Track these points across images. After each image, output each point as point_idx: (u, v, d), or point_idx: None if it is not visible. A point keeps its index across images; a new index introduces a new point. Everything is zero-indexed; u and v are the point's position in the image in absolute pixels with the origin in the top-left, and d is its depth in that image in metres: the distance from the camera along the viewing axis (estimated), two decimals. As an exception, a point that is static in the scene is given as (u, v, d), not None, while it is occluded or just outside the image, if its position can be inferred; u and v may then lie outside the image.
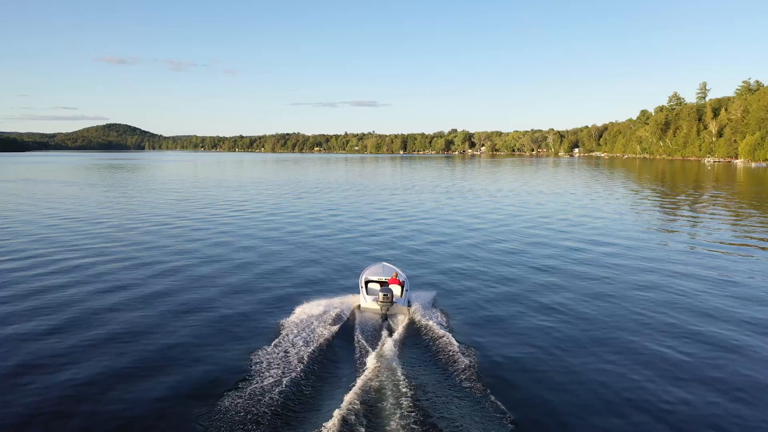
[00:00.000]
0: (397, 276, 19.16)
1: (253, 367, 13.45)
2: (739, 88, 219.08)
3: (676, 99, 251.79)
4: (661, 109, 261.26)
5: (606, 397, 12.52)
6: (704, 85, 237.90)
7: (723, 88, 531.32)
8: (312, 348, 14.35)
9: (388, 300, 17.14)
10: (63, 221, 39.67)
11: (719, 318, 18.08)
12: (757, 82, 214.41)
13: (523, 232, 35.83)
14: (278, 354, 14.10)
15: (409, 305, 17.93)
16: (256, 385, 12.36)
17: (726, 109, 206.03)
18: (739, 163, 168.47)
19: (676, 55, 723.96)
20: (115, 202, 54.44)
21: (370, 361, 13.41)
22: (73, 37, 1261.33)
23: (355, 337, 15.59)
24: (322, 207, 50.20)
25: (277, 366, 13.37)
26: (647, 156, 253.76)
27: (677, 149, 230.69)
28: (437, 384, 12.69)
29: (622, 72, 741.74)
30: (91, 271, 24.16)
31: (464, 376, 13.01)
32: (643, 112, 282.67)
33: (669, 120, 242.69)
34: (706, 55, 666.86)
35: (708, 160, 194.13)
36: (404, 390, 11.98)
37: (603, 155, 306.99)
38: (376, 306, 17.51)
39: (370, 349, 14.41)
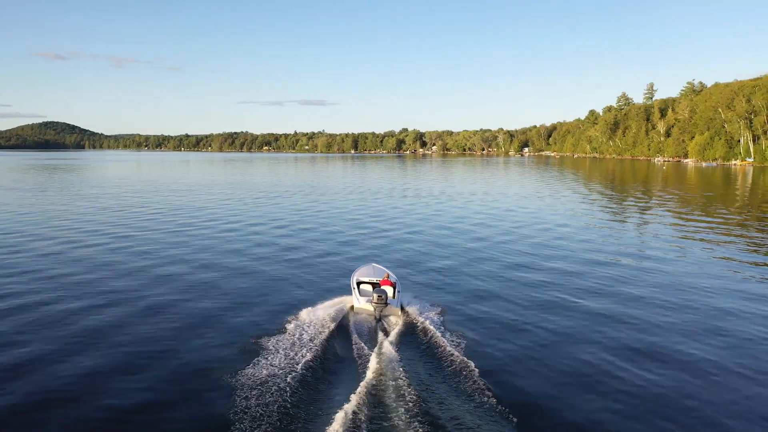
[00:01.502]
0: (388, 277, 19.27)
1: (253, 371, 13.40)
2: (684, 89, 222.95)
3: (625, 99, 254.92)
4: (609, 109, 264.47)
5: (600, 387, 13.22)
6: (651, 85, 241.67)
7: (668, 89, 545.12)
8: (310, 352, 14.39)
9: (382, 302, 17.09)
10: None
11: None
12: (701, 83, 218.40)
13: (496, 229, 37.36)
14: (276, 359, 14.07)
15: (402, 307, 18.11)
16: (256, 390, 12.38)
17: (673, 110, 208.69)
18: (690, 162, 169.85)
19: (622, 56, 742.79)
20: (35, 210, 47.01)
21: (371, 363, 13.47)
22: (7, 31, 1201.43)
23: (352, 339, 15.67)
24: (290, 211, 47.19)
25: (276, 371, 13.34)
26: (597, 155, 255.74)
27: (627, 149, 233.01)
28: (438, 384, 12.95)
29: (569, 72, 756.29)
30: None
31: (463, 375, 13.31)
32: (592, 112, 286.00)
33: (618, 120, 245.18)
34: (652, 56, 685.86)
35: (658, 160, 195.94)
36: (406, 391, 12.16)
37: (553, 154, 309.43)
38: (369, 307, 17.56)
39: (368, 351, 14.48)
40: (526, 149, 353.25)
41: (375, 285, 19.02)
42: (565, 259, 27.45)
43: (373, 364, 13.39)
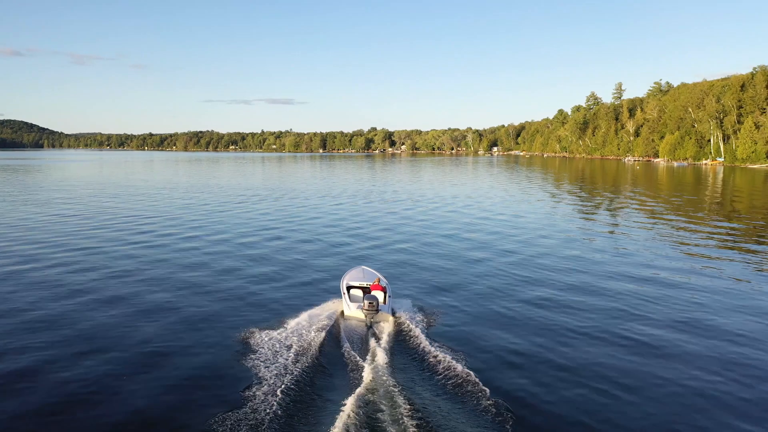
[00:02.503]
0: (379, 281, 18.77)
1: (240, 382, 13.03)
2: (651, 88, 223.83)
3: (594, 99, 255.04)
4: (578, 108, 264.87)
5: (599, 388, 13.12)
6: (620, 85, 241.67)
7: (635, 89, 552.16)
8: (300, 362, 13.89)
9: (374, 308, 16.86)
10: None
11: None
12: (668, 83, 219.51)
13: (484, 231, 36.92)
14: (265, 368, 13.59)
15: (393, 312, 17.75)
16: (243, 406, 11.89)
17: (642, 109, 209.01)
18: (661, 162, 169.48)
19: (589, 55, 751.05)
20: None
21: (363, 374, 13.10)
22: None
23: (343, 348, 15.26)
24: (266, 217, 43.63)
25: (265, 382, 12.88)
26: (567, 155, 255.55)
27: (597, 148, 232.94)
28: (431, 394, 12.62)
29: (537, 72, 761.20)
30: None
31: (458, 383, 12.99)
32: (560, 112, 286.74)
33: (587, 119, 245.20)
34: (618, 56, 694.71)
35: (628, 159, 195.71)
36: (401, 402, 11.84)
37: (522, 154, 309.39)
38: (360, 314, 17.24)
39: (360, 360, 14.09)
40: (495, 148, 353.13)
41: (365, 290, 18.75)
42: (557, 258, 27.68)
43: (365, 374, 13.04)
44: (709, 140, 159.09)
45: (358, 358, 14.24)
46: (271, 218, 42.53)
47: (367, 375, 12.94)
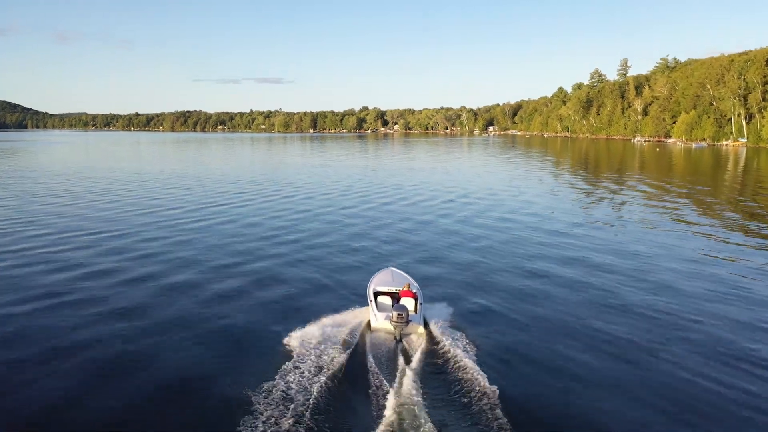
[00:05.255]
0: (409, 287, 17.20)
1: (257, 401, 11.82)
2: (658, 64, 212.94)
3: (598, 76, 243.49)
4: (579, 86, 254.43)
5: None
6: (626, 61, 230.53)
7: (638, 66, 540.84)
8: (320, 382, 12.54)
9: (403, 320, 15.08)
10: None
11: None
12: (675, 59, 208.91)
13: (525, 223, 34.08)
14: (283, 388, 12.30)
15: (426, 322, 16.07)
16: (262, 424, 10.99)
17: (650, 87, 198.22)
18: (677, 143, 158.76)
19: (590, 32, 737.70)
20: None
21: (389, 401, 11.74)
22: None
23: (368, 366, 13.64)
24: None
25: (282, 404, 11.69)
26: (569, 135, 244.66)
27: (602, 128, 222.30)
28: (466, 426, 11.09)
29: (533, 49, 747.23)
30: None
31: (494, 416, 11.24)
32: (560, 90, 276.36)
33: (591, 97, 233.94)
34: (619, 32, 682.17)
35: (638, 140, 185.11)
36: None
37: (520, 133, 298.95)
38: (388, 326, 15.52)
39: (386, 384, 12.61)
40: (491, 128, 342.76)
41: (394, 296, 17.08)
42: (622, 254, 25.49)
43: (391, 403, 11.61)
44: (730, 119, 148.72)
45: (384, 383, 12.61)
46: (276, 212, 37.61)
47: (391, 405, 11.55)
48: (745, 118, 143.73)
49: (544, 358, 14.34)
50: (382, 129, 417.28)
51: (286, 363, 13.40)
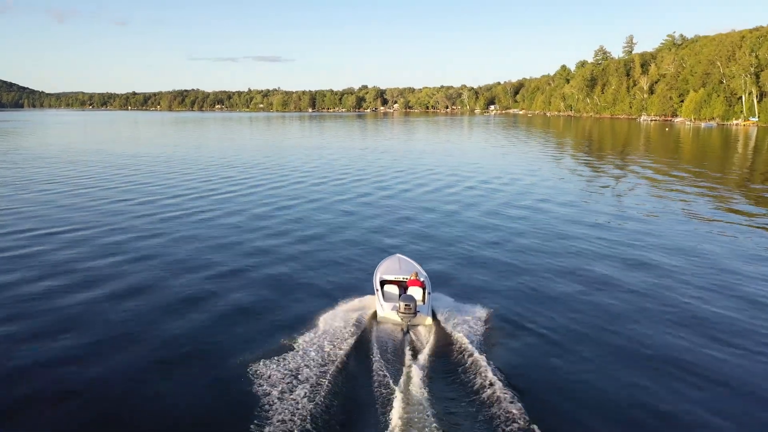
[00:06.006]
0: (417, 275, 16.46)
1: (258, 394, 11.33)
2: (665, 41, 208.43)
3: (602, 53, 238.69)
4: (583, 64, 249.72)
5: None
6: (631, 38, 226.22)
7: (642, 43, 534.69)
8: (324, 375, 12.03)
9: (411, 311, 14.44)
10: None
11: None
12: (682, 36, 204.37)
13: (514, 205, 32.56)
14: (285, 382, 11.70)
15: (434, 313, 15.33)
16: (263, 418, 10.48)
17: (656, 64, 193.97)
18: (686, 122, 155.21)
19: (592, 8, 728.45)
20: None
21: (395, 396, 11.10)
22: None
23: (373, 360, 12.92)
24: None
25: (284, 398, 11.11)
26: (573, 114, 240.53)
27: (606, 107, 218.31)
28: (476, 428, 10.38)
29: (534, 27, 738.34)
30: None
31: (508, 416, 10.42)
32: (563, 68, 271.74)
33: (595, 75, 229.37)
34: (622, 8, 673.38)
35: (644, 119, 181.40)
36: None
37: (522, 112, 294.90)
38: (395, 317, 14.80)
39: (391, 380, 11.92)
40: (492, 107, 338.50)
41: (401, 284, 16.36)
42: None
43: (398, 403, 10.80)
44: (740, 98, 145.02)
45: (390, 379, 11.88)
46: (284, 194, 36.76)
47: (397, 405, 10.79)
48: (757, 97, 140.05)
49: (564, 359, 13.24)
50: (382, 108, 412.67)
51: (288, 354, 12.91)
